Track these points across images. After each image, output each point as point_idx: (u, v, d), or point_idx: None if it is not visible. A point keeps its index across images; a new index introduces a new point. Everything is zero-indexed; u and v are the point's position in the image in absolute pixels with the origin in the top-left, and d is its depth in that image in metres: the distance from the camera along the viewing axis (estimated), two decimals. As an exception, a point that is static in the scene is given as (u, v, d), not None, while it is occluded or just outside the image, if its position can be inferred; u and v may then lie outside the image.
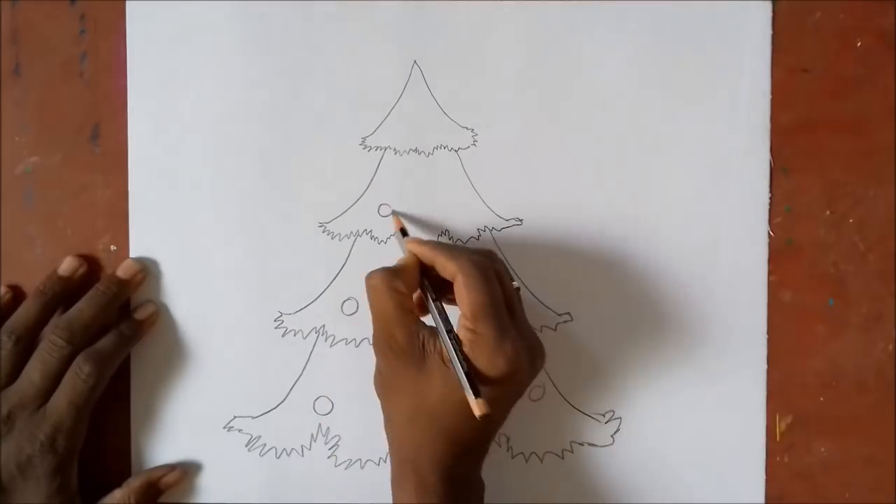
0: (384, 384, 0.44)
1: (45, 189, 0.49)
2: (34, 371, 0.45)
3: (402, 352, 0.42)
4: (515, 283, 0.44)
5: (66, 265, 0.48)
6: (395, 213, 0.48)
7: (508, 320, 0.42)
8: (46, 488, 0.45)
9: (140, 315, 0.48)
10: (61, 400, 0.45)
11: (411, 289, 0.43)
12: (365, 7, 0.48)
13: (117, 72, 0.49)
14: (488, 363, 0.41)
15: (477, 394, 0.40)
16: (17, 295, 0.48)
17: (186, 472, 0.48)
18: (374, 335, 0.43)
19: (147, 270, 0.48)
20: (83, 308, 0.47)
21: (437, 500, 0.42)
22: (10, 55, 0.49)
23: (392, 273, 0.43)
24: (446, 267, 0.42)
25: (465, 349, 0.41)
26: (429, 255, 0.43)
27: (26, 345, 0.46)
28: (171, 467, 0.48)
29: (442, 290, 0.43)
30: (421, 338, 0.42)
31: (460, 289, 0.41)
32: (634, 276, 0.49)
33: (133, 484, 0.47)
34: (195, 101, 0.48)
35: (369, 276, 0.43)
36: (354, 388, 0.49)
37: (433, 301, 0.43)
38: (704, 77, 0.48)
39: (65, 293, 0.47)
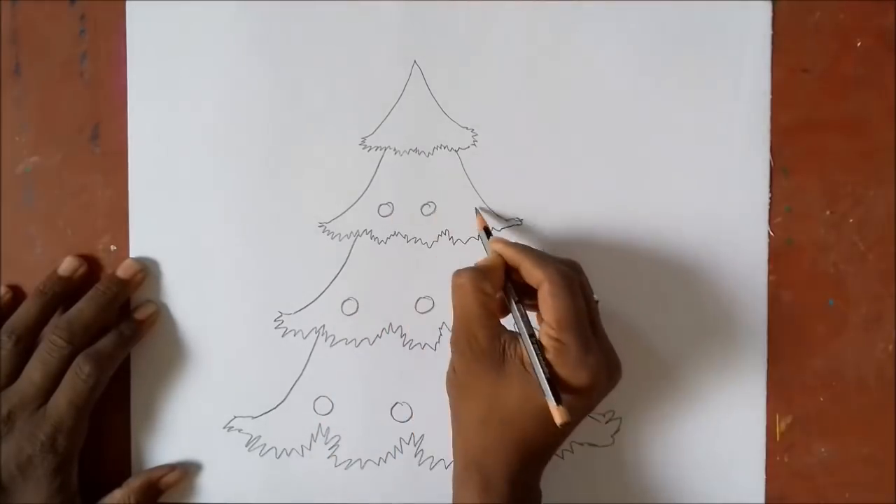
0: (458, 384, 0.44)
1: (45, 189, 0.49)
2: (34, 371, 0.45)
3: (483, 353, 0.42)
4: (596, 298, 0.44)
5: (66, 265, 0.48)
6: (478, 210, 0.48)
7: (591, 334, 0.41)
8: (46, 488, 0.45)
9: (140, 315, 0.48)
10: (61, 400, 0.45)
11: (497, 291, 0.43)
12: (365, 7, 0.48)
13: (117, 72, 0.49)
14: (571, 373, 0.40)
15: (559, 401, 0.40)
16: (17, 295, 0.48)
17: (186, 471, 0.48)
18: (454, 334, 0.43)
19: (147, 270, 0.48)
20: (83, 308, 0.47)
21: (501, 502, 0.42)
22: (10, 55, 0.49)
23: (480, 273, 0.42)
24: (533, 273, 0.42)
25: (548, 356, 0.41)
26: (516, 259, 0.43)
27: (26, 345, 0.46)
28: (171, 467, 0.48)
29: (523, 294, 0.43)
30: (502, 341, 0.42)
31: (546, 297, 0.41)
32: (634, 277, 0.49)
33: (133, 484, 0.47)
34: (195, 101, 0.48)
35: (457, 275, 0.43)
36: (354, 388, 0.49)
37: (516, 303, 0.43)
38: (704, 77, 0.48)
39: (65, 293, 0.48)
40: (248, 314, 0.49)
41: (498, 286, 0.43)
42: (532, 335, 0.41)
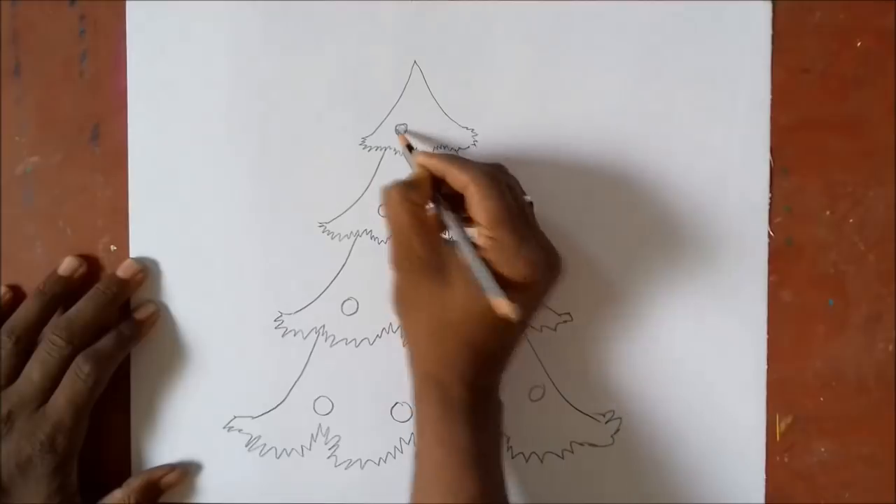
0: (403, 300, 0.44)
1: (45, 189, 0.49)
2: (34, 371, 0.45)
3: (422, 263, 0.42)
4: (528, 198, 0.44)
5: (66, 265, 0.48)
6: (399, 130, 0.48)
7: (526, 228, 0.42)
8: (46, 488, 0.45)
9: (140, 315, 0.48)
10: (61, 400, 0.45)
11: (425, 201, 0.43)
12: (365, 7, 0.48)
13: (117, 72, 0.49)
14: (509, 268, 0.41)
15: (500, 294, 0.40)
16: (17, 295, 0.48)
17: (187, 471, 0.48)
18: (391, 251, 0.43)
19: (147, 270, 0.48)
20: (83, 308, 0.47)
21: (461, 410, 0.42)
22: (10, 55, 0.49)
23: (406, 185, 0.42)
24: (458, 178, 0.42)
25: (485, 255, 0.41)
26: (440, 167, 0.43)
27: (26, 345, 0.46)
28: (172, 467, 0.48)
29: (458, 208, 0.43)
30: (440, 250, 0.42)
31: (474, 198, 0.41)
32: (635, 276, 0.49)
33: (133, 484, 0.47)
34: (195, 101, 0.48)
35: (384, 190, 0.43)
36: (354, 388, 0.49)
37: (449, 213, 0.43)
38: (704, 77, 0.48)
39: (65, 293, 0.48)
40: (248, 314, 0.49)
41: (426, 197, 0.43)
42: (467, 238, 0.41)
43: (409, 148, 0.46)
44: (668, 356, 0.49)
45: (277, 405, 0.49)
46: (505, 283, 0.40)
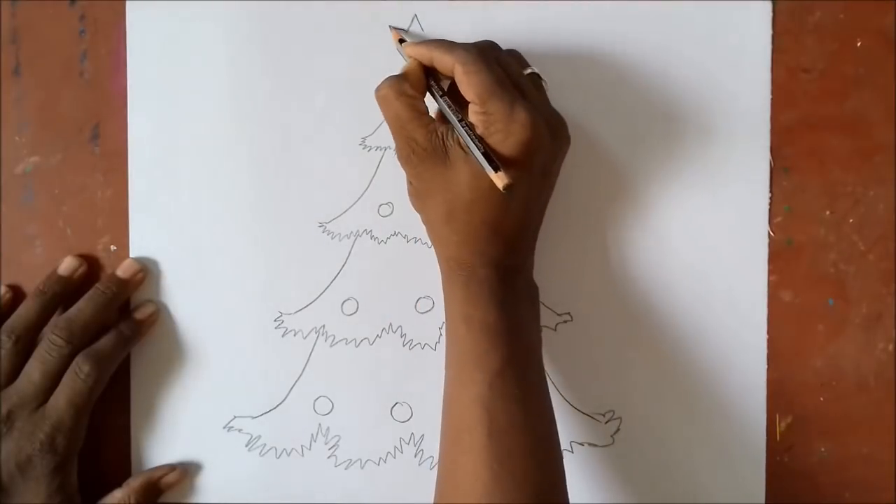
0: (417, 193, 0.44)
1: (45, 189, 0.49)
2: (34, 371, 0.45)
3: (425, 153, 0.42)
4: (533, 69, 0.44)
5: (66, 265, 0.48)
6: (392, 27, 0.47)
7: (517, 95, 0.41)
8: (46, 488, 0.45)
9: (140, 315, 0.48)
10: (61, 400, 0.45)
11: (419, 91, 0.43)
12: (365, 7, 0.48)
13: (117, 72, 0.49)
14: (504, 134, 0.41)
15: (496, 167, 0.40)
16: (17, 295, 0.48)
17: (187, 471, 0.48)
18: (396, 148, 0.43)
19: (147, 270, 0.48)
20: (83, 308, 0.47)
21: (485, 288, 0.42)
22: (10, 55, 0.49)
23: (398, 78, 0.43)
24: (444, 60, 0.42)
25: (480, 131, 0.41)
26: (426, 54, 0.43)
27: (26, 344, 0.46)
28: (172, 467, 0.48)
29: (453, 99, 0.43)
30: (440, 135, 0.42)
31: (461, 77, 0.41)
32: (634, 277, 0.49)
33: (133, 484, 0.47)
34: (195, 101, 0.48)
35: (378, 89, 0.43)
36: (354, 388, 0.49)
37: (441, 96, 0.43)
38: (704, 77, 0.48)
39: (65, 293, 0.48)
40: (248, 314, 0.49)
41: (420, 87, 0.43)
42: (462, 120, 0.42)
43: (401, 42, 0.46)
44: (669, 356, 0.49)
45: (277, 405, 0.49)
46: (504, 156, 0.40)
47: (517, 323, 0.43)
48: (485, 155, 0.40)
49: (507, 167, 0.40)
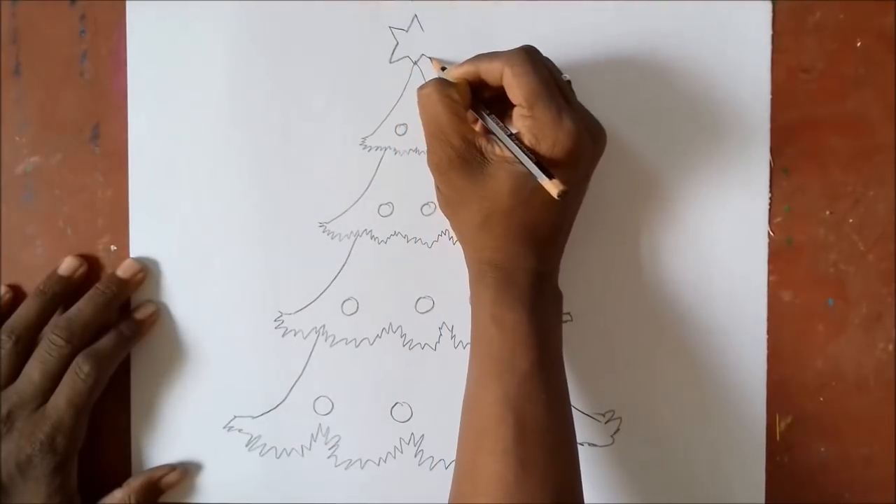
0: (449, 201, 0.44)
1: (45, 189, 0.49)
2: (34, 370, 0.45)
3: (463, 161, 0.42)
4: (566, 76, 0.44)
5: (66, 265, 0.48)
6: (431, 58, 0.47)
7: (564, 101, 0.41)
8: (46, 488, 0.45)
9: (140, 315, 0.48)
10: (61, 400, 0.45)
11: (464, 102, 0.43)
12: (365, 7, 0.48)
13: (117, 72, 0.49)
14: (552, 142, 0.40)
15: (550, 175, 0.40)
16: (18, 295, 0.48)
17: (187, 471, 0.48)
18: (429, 153, 0.43)
19: (147, 270, 0.48)
20: (83, 308, 0.47)
21: (518, 292, 0.42)
22: (10, 55, 0.49)
23: (445, 82, 0.42)
24: (492, 66, 0.42)
25: (527, 140, 0.41)
26: (472, 69, 0.43)
27: (26, 344, 0.46)
28: (172, 467, 0.48)
29: (497, 113, 0.43)
30: (479, 144, 0.42)
31: (510, 79, 0.41)
32: (634, 276, 0.49)
33: (133, 484, 0.47)
34: (195, 101, 0.48)
35: (421, 87, 0.42)
36: (354, 388, 0.49)
37: (489, 115, 0.43)
38: (704, 77, 0.48)
39: (65, 293, 0.48)
40: (248, 314, 0.49)
41: (465, 99, 0.43)
42: (509, 133, 0.41)
43: (443, 69, 0.46)
44: (669, 356, 0.49)
45: (277, 405, 0.49)
46: (550, 163, 0.41)
47: (546, 327, 0.43)
48: (537, 164, 0.40)
49: (557, 174, 0.40)
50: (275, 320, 0.49)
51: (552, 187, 0.40)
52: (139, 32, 0.48)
